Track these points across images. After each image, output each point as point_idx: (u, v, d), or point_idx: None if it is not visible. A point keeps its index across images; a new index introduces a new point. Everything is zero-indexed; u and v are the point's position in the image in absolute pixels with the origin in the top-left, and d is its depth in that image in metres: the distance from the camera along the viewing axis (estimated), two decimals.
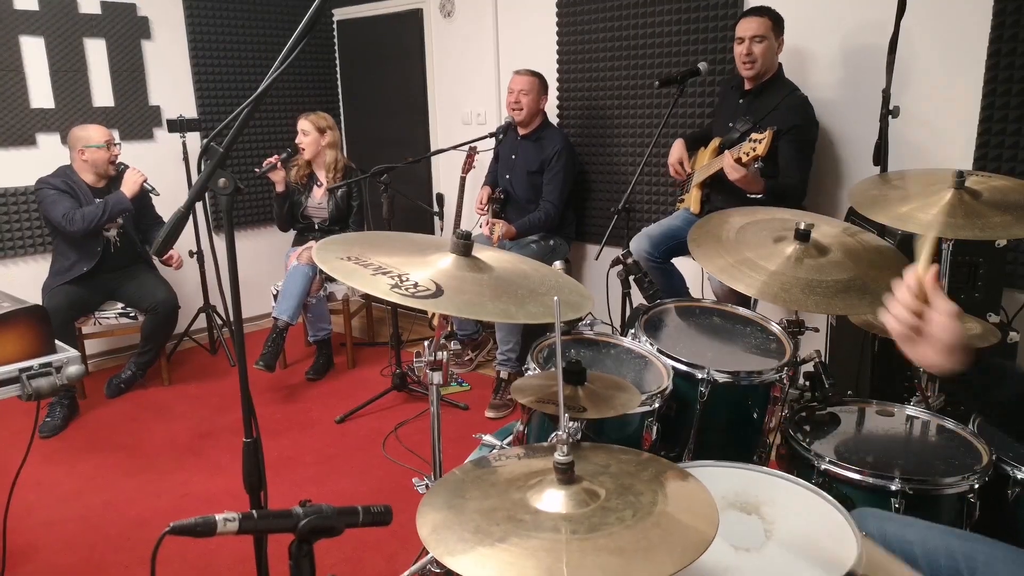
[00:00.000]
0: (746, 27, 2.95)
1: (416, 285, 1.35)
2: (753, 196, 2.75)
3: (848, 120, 3.15)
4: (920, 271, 1.18)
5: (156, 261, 3.90)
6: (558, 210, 3.79)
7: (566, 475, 1.13)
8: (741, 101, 3.09)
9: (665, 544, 1.01)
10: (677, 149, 3.27)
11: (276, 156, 3.92)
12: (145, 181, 3.67)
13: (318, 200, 4.10)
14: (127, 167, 3.68)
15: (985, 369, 1.16)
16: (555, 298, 1.20)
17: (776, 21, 2.96)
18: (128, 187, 3.62)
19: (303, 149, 3.99)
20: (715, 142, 3.11)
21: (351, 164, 4.20)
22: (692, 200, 3.15)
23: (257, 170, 3.97)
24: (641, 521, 1.06)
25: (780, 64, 3.03)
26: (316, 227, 4.15)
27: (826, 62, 3.18)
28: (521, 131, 3.87)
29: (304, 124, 4.00)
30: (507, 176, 3.95)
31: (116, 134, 4.29)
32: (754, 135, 2.58)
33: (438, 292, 1.35)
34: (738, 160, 2.64)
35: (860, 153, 3.02)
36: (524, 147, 3.88)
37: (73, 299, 3.61)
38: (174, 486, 2.98)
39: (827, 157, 3.25)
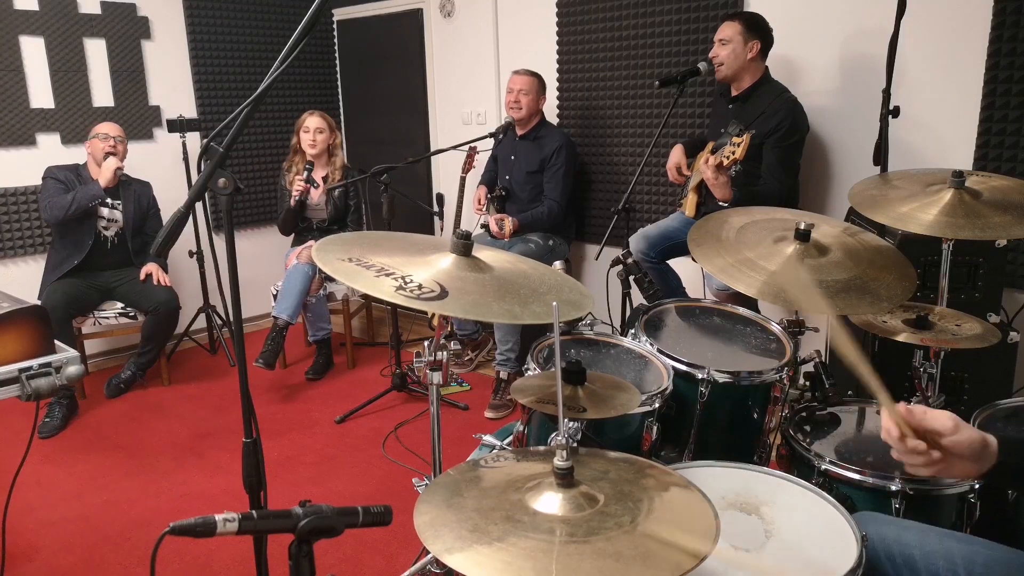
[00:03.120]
0: (717, 31, 3.03)
1: (420, 287, 1.35)
2: (722, 204, 2.76)
3: (848, 120, 3.14)
4: (894, 416, 1.14)
5: (153, 266, 3.87)
6: (561, 207, 3.79)
7: (565, 480, 1.13)
8: (730, 106, 3.11)
9: (663, 552, 1.01)
10: (676, 154, 3.28)
11: (301, 180, 3.91)
12: (119, 168, 3.67)
13: (315, 201, 4.10)
14: (111, 156, 3.68)
15: (1013, 450, 1.15)
16: (554, 303, 1.19)
17: (749, 25, 2.97)
18: (103, 174, 3.65)
19: (314, 146, 3.98)
20: (709, 147, 3.12)
21: (347, 163, 4.21)
22: (688, 205, 3.17)
23: (293, 202, 3.95)
24: (639, 528, 1.05)
25: (767, 68, 3.04)
26: (315, 227, 4.15)
27: (826, 62, 3.18)
28: (519, 131, 3.87)
29: (319, 122, 4.00)
30: (507, 176, 3.95)
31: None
32: (734, 139, 2.60)
33: (443, 294, 1.34)
34: (719, 164, 2.66)
35: (860, 153, 3.02)
36: (523, 147, 3.88)
37: (70, 298, 3.60)
38: (174, 486, 2.98)
39: (827, 157, 3.25)
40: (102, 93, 4.26)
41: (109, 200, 3.76)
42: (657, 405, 1.81)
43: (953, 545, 1.29)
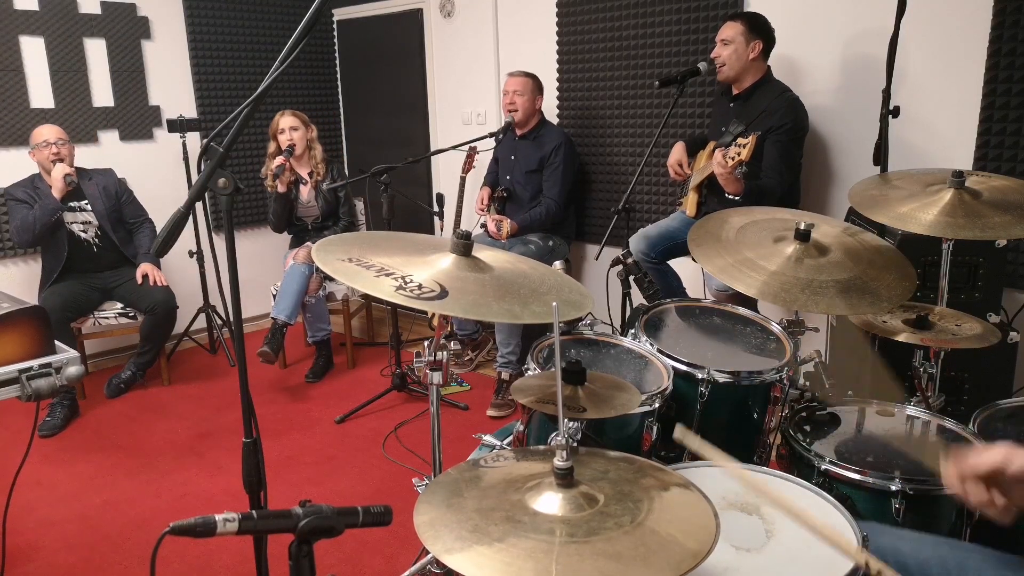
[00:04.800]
0: (719, 31, 3.04)
1: (420, 287, 1.35)
2: (730, 197, 2.78)
3: (848, 120, 3.14)
4: (958, 470, 1.11)
5: (149, 267, 3.84)
6: (560, 206, 3.79)
7: (565, 480, 1.13)
8: (732, 105, 3.12)
9: (663, 551, 1.01)
10: (677, 151, 3.28)
11: (282, 157, 3.89)
12: (67, 175, 3.58)
13: (305, 198, 4.10)
14: (59, 162, 3.60)
15: None
16: (554, 303, 1.19)
17: (751, 25, 2.97)
18: (54, 185, 3.59)
19: (294, 145, 3.96)
20: (711, 146, 3.12)
21: (327, 155, 4.20)
22: (689, 204, 3.17)
23: (283, 189, 3.92)
24: (639, 527, 1.05)
25: (769, 67, 3.04)
26: (310, 227, 4.15)
27: (826, 62, 3.18)
28: (518, 131, 3.88)
29: (291, 121, 3.97)
30: (508, 177, 3.95)
31: (116, 135, 4.31)
32: (740, 140, 2.60)
33: (443, 293, 1.34)
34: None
35: (860, 153, 3.02)
36: (522, 147, 3.88)
37: (67, 300, 3.60)
38: (174, 486, 2.98)
39: (827, 157, 3.25)
40: (102, 93, 4.26)
41: (74, 203, 3.71)
42: (657, 405, 1.81)
43: (946, 552, 1.30)
